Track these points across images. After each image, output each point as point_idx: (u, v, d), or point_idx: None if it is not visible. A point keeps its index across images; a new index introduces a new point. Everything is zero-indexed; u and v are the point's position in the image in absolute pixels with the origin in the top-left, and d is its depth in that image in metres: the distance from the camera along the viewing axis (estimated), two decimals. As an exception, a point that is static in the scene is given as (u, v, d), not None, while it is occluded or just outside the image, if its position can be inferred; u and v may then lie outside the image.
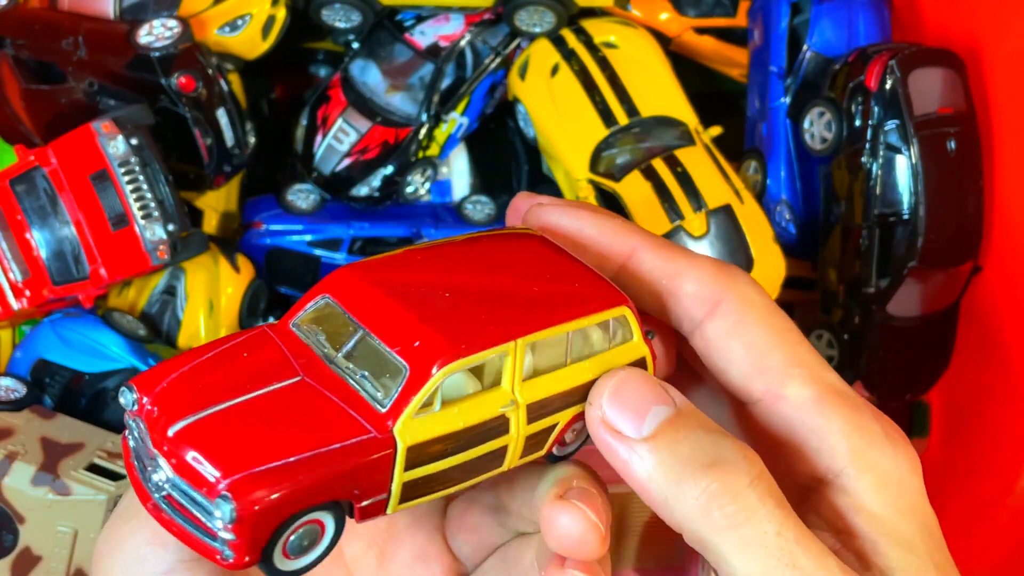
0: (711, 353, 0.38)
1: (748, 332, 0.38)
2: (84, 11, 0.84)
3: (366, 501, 0.32)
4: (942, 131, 0.77)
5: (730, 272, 0.39)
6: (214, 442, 0.31)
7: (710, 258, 0.39)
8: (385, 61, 0.91)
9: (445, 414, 0.33)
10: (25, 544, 0.68)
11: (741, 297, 0.38)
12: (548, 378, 0.35)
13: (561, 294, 0.36)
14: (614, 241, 0.39)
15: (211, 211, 0.90)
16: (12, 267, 0.75)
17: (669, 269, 0.38)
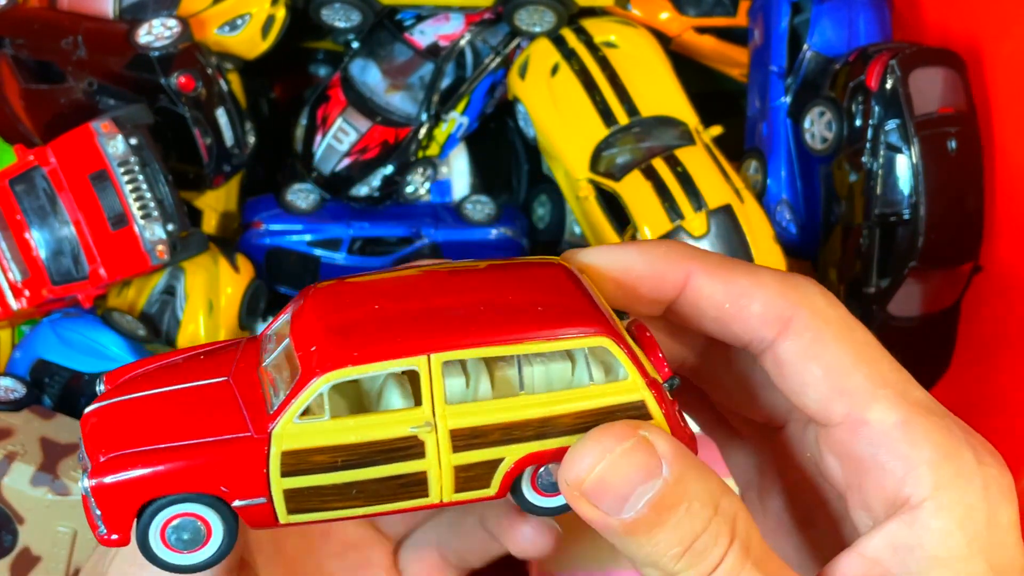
0: (785, 375, 0.36)
1: (825, 351, 0.35)
2: (83, 10, 0.84)
3: (240, 501, 0.32)
4: (943, 131, 0.76)
5: (798, 285, 0.36)
6: (105, 427, 0.33)
7: (773, 271, 0.37)
8: (385, 61, 0.90)
9: (336, 424, 0.32)
10: (24, 544, 0.68)
11: (814, 312, 0.36)
12: (487, 405, 0.33)
13: (530, 319, 0.33)
14: (667, 269, 0.36)
15: (211, 211, 0.90)
16: (11, 267, 0.75)
17: (731, 291, 0.36)
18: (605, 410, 0.33)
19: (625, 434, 0.32)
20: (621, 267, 0.37)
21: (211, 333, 0.83)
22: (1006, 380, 0.78)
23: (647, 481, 0.32)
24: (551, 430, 0.33)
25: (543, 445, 0.33)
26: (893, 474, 0.35)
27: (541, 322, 0.33)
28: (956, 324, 0.83)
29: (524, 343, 0.32)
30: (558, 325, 0.33)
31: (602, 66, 0.86)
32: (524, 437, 0.33)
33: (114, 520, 0.32)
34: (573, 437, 0.33)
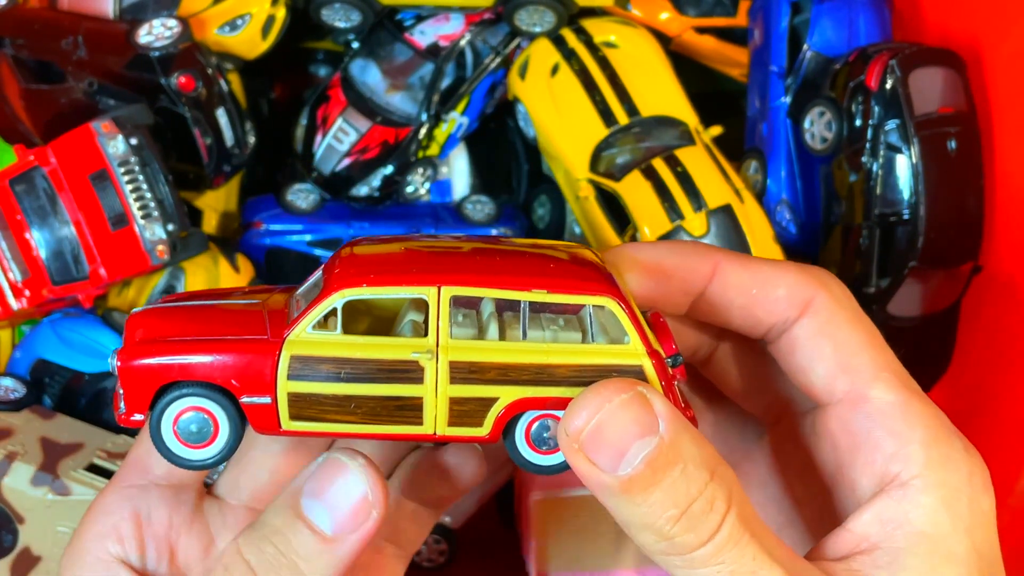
0: (797, 352, 0.38)
1: (838, 330, 0.38)
2: (84, 11, 0.84)
3: (248, 398, 0.34)
4: (943, 131, 0.76)
5: (818, 273, 0.39)
6: (143, 321, 0.37)
7: (795, 264, 0.39)
8: (385, 61, 0.91)
9: (346, 339, 0.34)
10: (24, 544, 0.68)
11: (832, 296, 0.38)
12: (489, 344, 0.34)
13: (541, 273, 0.35)
14: (697, 262, 0.39)
15: (211, 211, 0.90)
16: (12, 267, 0.75)
17: (758, 278, 0.39)
18: (602, 367, 0.34)
19: (624, 388, 0.33)
20: (653, 260, 0.39)
21: (211, 333, 0.83)
22: (1006, 380, 0.78)
23: (644, 437, 0.32)
24: (547, 378, 0.34)
25: (538, 391, 0.34)
26: (885, 450, 0.36)
27: (552, 276, 0.34)
28: (956, 324, 0.83)
29: (531, 290, 0.34)
30: (567, 281, 0.34)
31: (602, 66, 0.86)
32: (520, 380, 0.34)
33: (134, 400, 0.35)
34: (569, 389, 0.34)
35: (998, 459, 0.78)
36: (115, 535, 0.38)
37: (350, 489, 0.34)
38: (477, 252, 0.36)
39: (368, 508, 0.34)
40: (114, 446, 0.71)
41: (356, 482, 0.34)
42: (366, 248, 0.37)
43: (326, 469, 0.35)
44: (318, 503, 0.34)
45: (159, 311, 0.37)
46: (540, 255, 0.36)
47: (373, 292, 0.34)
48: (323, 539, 0.34)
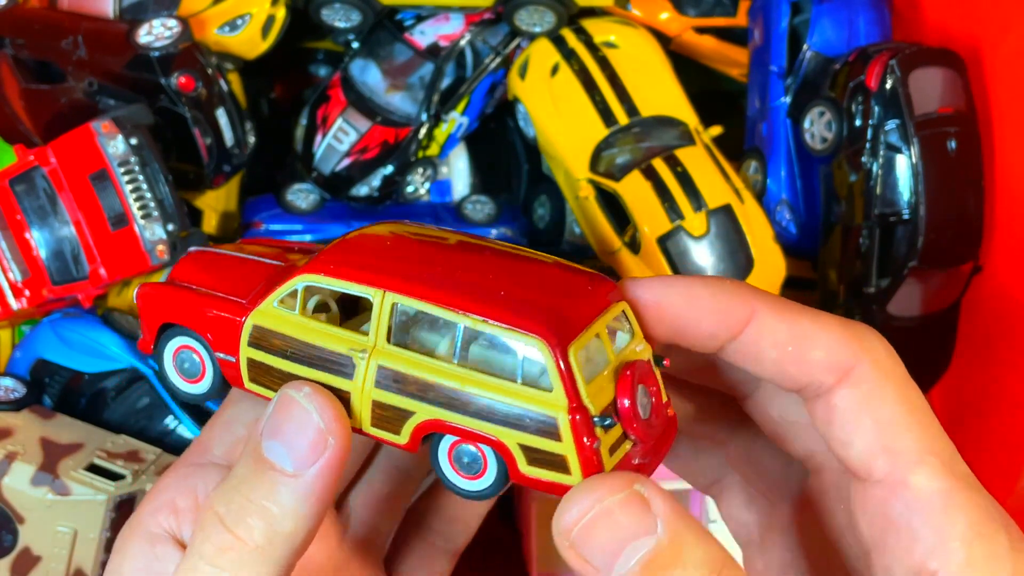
0: (834, 423, 0.35)
1: (881, 406, 0.35)
2: (84, 11, 0.84)
3: (219, 353, 0.37)
4: (942, 131, 0.77)
5: (863, 336, 0.36)
6: (183, 263, 0.40)
7: (838, 319, 0.36)
8: (385, 61, 0.91)
9: (299, 320, 0.36)
10: (25, 544, 0.68)
11: (876, 365, 0.35)
12: (415, 358, 0.34)
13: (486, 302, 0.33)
14: (732, 306, 0.36)
15: (211, 211, 0.90)
16: (12, 267, 0.75)
17: (795, 333, 0.35)
18: (514, 411, 0.32)
19: (619, 486, 0.31)
20: (686, 298, 0.36)
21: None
22: (1006, 380, 0.78)
23: (639, 538, 0.31)
24: (459, 406, 0.33)
25: (449, 417, 0.33)
26: (924, 543, 0.33)
27: (495, 306, 0.33)
28: (956, 324, 0.83)
29: (466, 314, 0.33)
30: (507, 315, 0.33)
31: (602, 66, 0.86)
32: (435, 401, 0.33)
33: (145, 331, 0.40)
34: (477, 422, 0.33)
35: (998, 459, 0.78)
36: (170, 508, 0.38)
37: (302, 421, 0.34)
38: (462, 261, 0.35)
39: (324, 437, 0.33)
40: (114, 446, 0.71)
41: (306, 413, 0.34)
42: (367, 233, 0.37)
43: (278, 407, 0.34)
44: (275, 442, 0.34)
45: (201, 256, 0.40)
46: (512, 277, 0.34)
47: (329, 283, 0.35)
48: (286, 476, 0.33)
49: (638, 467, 0.34)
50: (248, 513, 0.33)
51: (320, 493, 0.34)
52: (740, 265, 0.80)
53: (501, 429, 0.33)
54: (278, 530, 0.33)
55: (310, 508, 0.34)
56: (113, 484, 0.68)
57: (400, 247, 0.36)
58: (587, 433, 0.32)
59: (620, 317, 0.35)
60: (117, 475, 0.69)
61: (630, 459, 0.33)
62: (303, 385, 0.34)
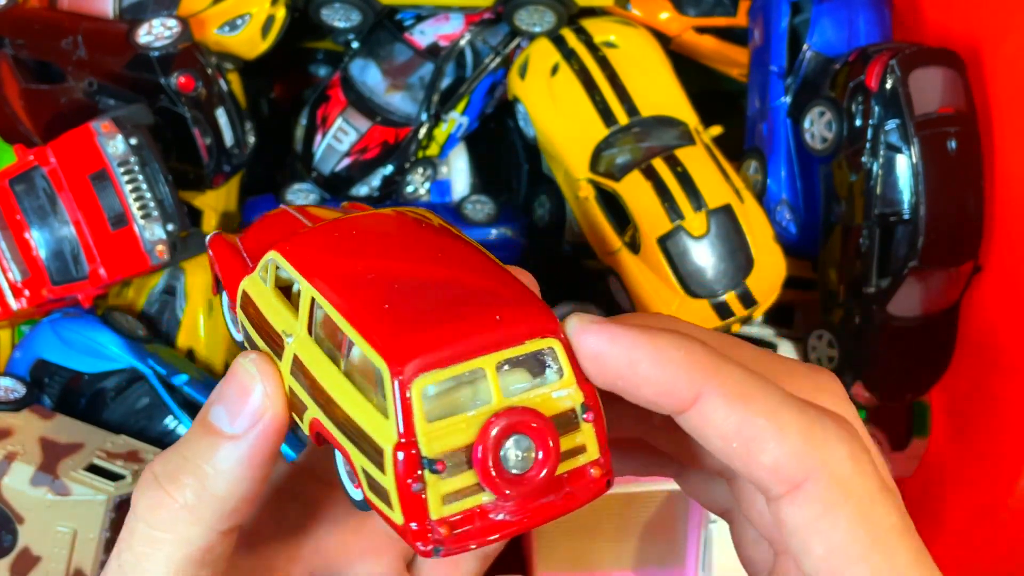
0: (784, 532, 0.31)
1: (834, 531, 0.30)
2: (83, 10, 0.84)
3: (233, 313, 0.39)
4: (943, 131, 0.76)
5: (823, 444, 0.30)
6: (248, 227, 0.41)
7: (804, 414, 0.31)
8: (385, 61, 0.90)
9: (266, 293, 0.36)
10: (24, 544, 0.68)
11: (832, 482, 0.30)
12: (319, 356, 0.33)
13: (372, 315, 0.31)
14: (676, 384, 0.31)
15: (211, 211, 0.90)
16: (11, 267, 0.75)
17: (744, 429, 0.30)
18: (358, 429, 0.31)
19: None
20: (627, 362, 0.31)
21: (211, 333, 0.83)
22: (1006, 380, 0.78)
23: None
24: (330, 412, 0.32)
25: (324, 421, 0.33)
26: None
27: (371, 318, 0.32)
28: (956, 324, 0.83)
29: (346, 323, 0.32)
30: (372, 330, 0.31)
31: (602, 66, 0.86)
32: (318, 401, 0.33)
33: (212, 276, 0.41)
34: (340, 434, 0.32)
35: (998, 459, 0.78)
36: None
37: (244, 386, 0.33)
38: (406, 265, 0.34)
39: (263, 403, 0.33)
40: (114, 446, 0.71)
41: (249, 379, 0.33)
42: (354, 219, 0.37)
43: (228, 373, 0.34)
44: (219, 406, 0.34)
45: (271, 216, 0.41)
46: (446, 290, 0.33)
47: (281, 263, 0.35)
48: (224, 439, 0.33)
49: (498, 523, 0.31)
50: (183, 472, 0.33)
51: (255, 458, 0.33)
52: (740, 265, 0.80)
53: (351, 446, 0.32)
54: (209, 490, 0.33)
55: (244, 471, 0.33)
56: (113, 484, 0.68)
57: (359, 241, 0.35)
58: (409, 473, 0.30)
59: (546, 354, 0.32)
60: (117, 475, 0.69)
61: (486, 513, 0.31)
62: (251, 353, 0.35)
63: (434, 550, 0.30)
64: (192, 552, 0.33)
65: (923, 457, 0.88)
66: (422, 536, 0.30)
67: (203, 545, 0.33)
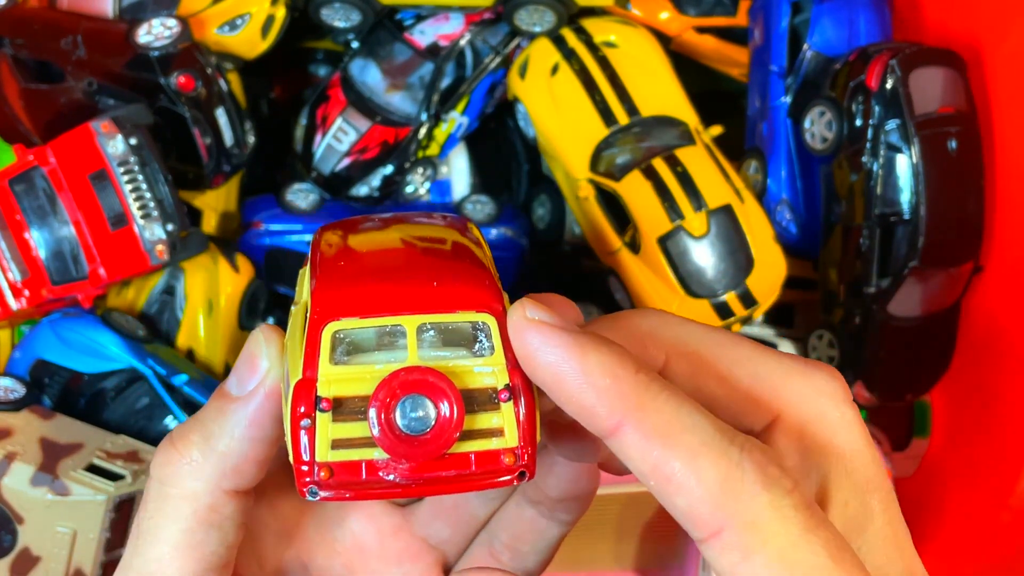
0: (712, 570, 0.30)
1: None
2: (83, 10, 0.84)
3: None
4: (943, 131, 0.76)
5: (739, 491, 0.29)
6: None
7: (719, 458, 0.29)
8: (385, 60, 0.90)
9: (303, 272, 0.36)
10: (24, 544, 0.68)
11: (748, 528, 0.29)
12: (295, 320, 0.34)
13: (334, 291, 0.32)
14: (596, 410, 0.29)
15: (210, 211, 0.90)
16: (11, 267, 0.75)
17: (661, 470, 0.29)
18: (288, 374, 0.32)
19: None
20: (551, 372, 0.30)
21: (211, 333, 0.83)
22: (1006, 380, 0.78)
23: None
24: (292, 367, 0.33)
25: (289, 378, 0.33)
26: None
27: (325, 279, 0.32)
28: (956, 324, 0.83)
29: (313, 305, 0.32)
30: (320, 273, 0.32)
31: (602, 66, 0.86)
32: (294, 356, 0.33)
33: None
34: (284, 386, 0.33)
35: (999, 459, 0.78)
36: None
37: (253, 353, 0.35)
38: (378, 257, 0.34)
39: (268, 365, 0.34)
40: (113, 446, 0.71)
41: (257, 345, 0.35)
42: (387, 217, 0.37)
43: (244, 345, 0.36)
44: (233, 375, 0.35)
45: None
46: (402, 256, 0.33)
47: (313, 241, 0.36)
48: (231, 400, 0.34)
49: (385, 482, 0.30)
50: (192, 431, 0.35)
51: (258, 417, 0.34)
52: (740, 265, 0.80)
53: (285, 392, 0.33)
54: (214, 446, 0.34)
55: (244, 431, 0.34)
56: (113, 484, 0.68)
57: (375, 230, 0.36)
58: (299, 405, 0.30)
59: (479, 328, 0.31)
60: (117, 475, 0.69)
61: (375, 469, 0.30)
62: (262, 325, 0.36)
63: (308, 491, 0.30)
64: (198, 509, 0.34)
65: (923, 457, 0.88)
66: (301, 475, 0.30)
67: (208, 502, 0.34)
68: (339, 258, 0.33)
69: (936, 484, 0.86)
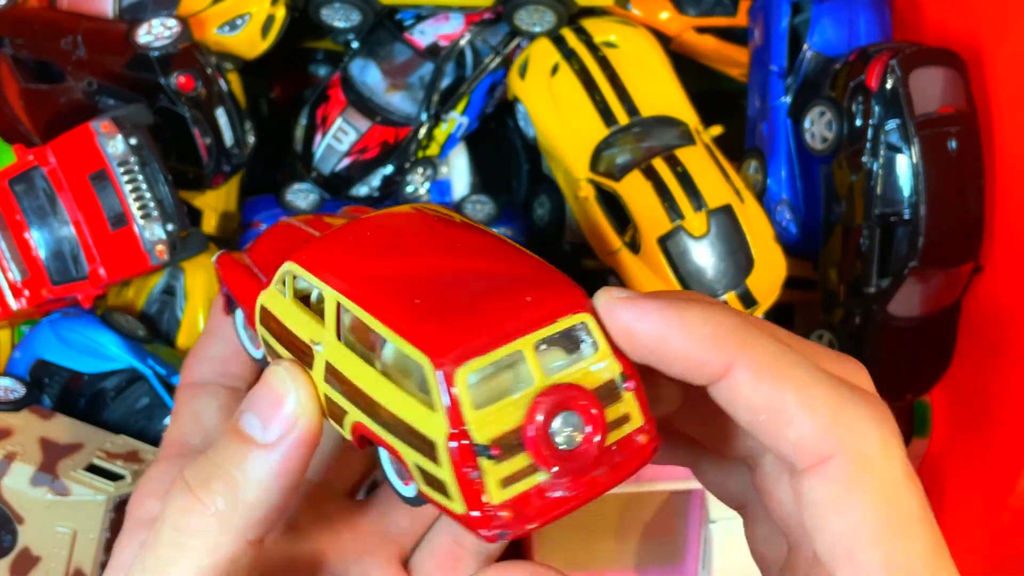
0: (802, 508, 0.31)
1: (852, 511, 0.30)
2: (83, 10, 0.84)
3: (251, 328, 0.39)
4: (943, 131, 0.76)
5: (852, 423, 0.30)
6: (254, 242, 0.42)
7: (831, 390, 0.30)
8: (385, 60, 0.90)
9: (287, 304, 0.36)
10: (24, 544, 0.68)
11: (858, 460, 0.30)
12: (353, 359, 0.33)
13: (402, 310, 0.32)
14: (707, 357, 0.31)
15: (210, 211, 0.90)
16: (11, 267, 0.75)
17: (772, 403, 0.30)
18: (406, 426, 0.32)
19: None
20: (658, 335, 0.31)
21: (211, 333, 0.83)
22: (1006, 380, 0.78)
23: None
24: (372, 412, 0.33)
25: (367, 422, 0.33)
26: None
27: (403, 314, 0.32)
28: (956, 324, 0.83)
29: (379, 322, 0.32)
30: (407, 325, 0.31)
31: (602, 66, 0.86)
32: (358, 404, 0.33)
33: (223, 295, 0.42)
34: (386, 432, 0.32)
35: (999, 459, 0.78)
36: (156, 495, 0.38)
37: (278, 395, 0.33)
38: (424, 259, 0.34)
39: (296, 412, 0.33)
40: (113, 446, 0.71)
41: (283, 387, 0.33)
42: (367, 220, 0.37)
43: (259, 382, 0.34)
44: (251, 414, 0.33)
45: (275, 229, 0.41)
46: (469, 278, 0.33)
47: (301, 273, 0.35)
48: (256, 447, 0.33)
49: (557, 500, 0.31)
50: (214, 479, 0.33)
51: (287, 467, 0.33)
52: (740, 265, 0.80)
53: (400, 444, 0.32)
54: (241, 498, 0.33)
55: (275, 481, 0.33)
56: (113, 484, 0.68)
57: (376, 241, 0.36)
58: (466, 462, 0.30)
59: (579, 329, 0.32)
60: (117, 475, 0.69)
61: (543, 491, 0.31)
62: (283, 361, 0.35)
63: (499, 534, 0.30)
64: (219, 560, 0.33)
65: (923, 457, 0.88)
66: (485, 522, 0.30)
67: (231, 553, 0.33)
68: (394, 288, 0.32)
69: (936, 484, 0.86)
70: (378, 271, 0.33)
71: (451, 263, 0.34)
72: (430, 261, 0.34)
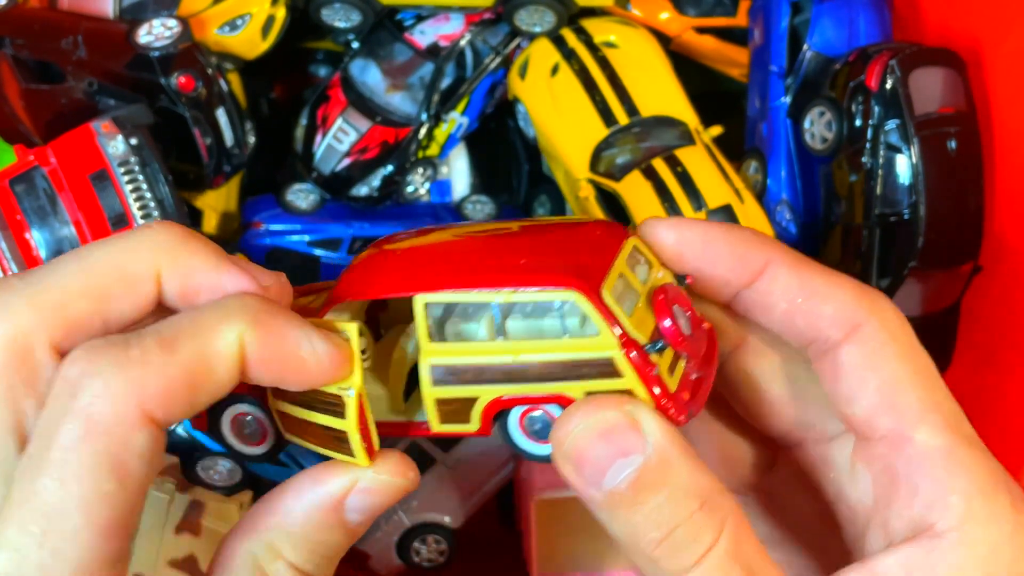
0: (840, 379, 0.36)
1: (887, 364, 0.35)
2: (83, 11, 0.84)
3: None
4: (943, 131, 0.76)
5: (874, 296, 0.37)
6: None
7: (851, 279, 0.37)
8: (385, 61, 0.91)
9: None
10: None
11: (884, 324, 0.36)
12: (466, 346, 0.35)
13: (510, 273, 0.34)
14: (747, 253, 0.36)
15: (211, 211, 0.90)
16: (11, 267, 0.75)
17: (807, 286, 0.36)
18: (571, 363, 0.34)
19: (607, 405, 0.32)
20: (703, 242, 0.37)
21: (211, 333, 0.83)
22: (1006, 380, 0.78)
23: (627, 456, 0.31)
24: (519, 376, 0.34)
25: (512, 390, 0.34)
26: (924, 497, 0.34)
27: (521, 275, 0.34)
28: (956, 324, 0.83)
29: (498, 291, 0.34)
30: (536, 278, 0.34)
31: (602, 66, 0.86)
32: (492, 380, 0.34)
33: None
34: (541, 385, 0.34)
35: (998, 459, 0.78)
36: None
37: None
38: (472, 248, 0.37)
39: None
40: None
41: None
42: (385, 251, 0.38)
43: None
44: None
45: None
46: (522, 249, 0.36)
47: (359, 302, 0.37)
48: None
49: (697, 381, 0.35)
50: None
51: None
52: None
53: (564, 384, 0.34)
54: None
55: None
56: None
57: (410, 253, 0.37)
58: (644, 362, 0.33)
59: (634, 252, 0.36)
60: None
61: (688, 375, 0.35)
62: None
63: (689, 415, 0.34)
64: None
65: (923, 457, 0.88)
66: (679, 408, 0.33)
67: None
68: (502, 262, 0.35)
69: (936, 484, 0.85)
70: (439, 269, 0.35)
71: (511, 238, 0.37)
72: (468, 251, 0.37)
